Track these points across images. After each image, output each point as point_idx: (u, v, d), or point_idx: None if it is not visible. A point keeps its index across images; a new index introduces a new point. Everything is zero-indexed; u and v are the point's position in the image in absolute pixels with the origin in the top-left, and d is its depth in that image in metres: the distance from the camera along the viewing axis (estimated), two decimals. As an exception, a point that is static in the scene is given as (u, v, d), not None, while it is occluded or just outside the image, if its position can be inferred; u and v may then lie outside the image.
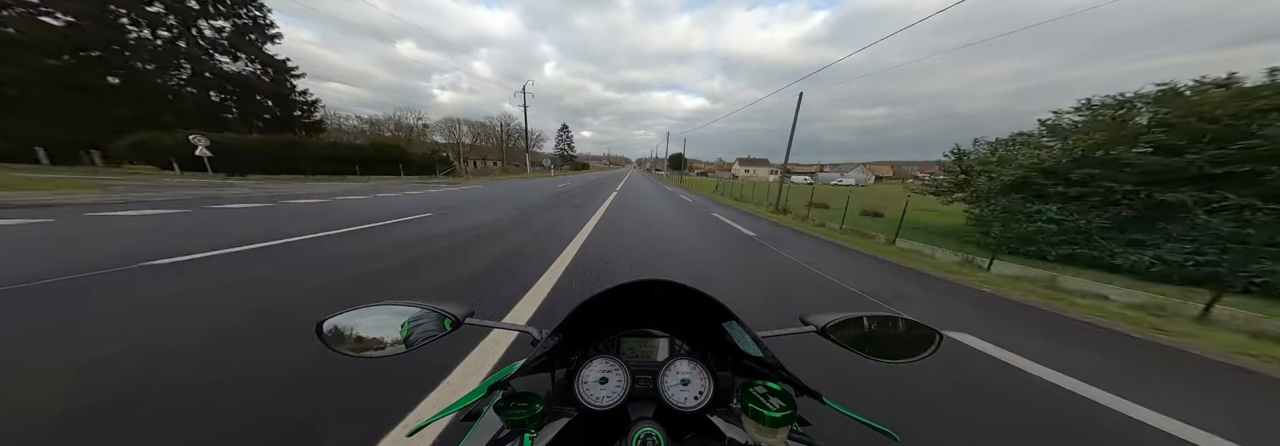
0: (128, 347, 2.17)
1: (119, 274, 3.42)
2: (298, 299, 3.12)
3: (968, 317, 3.76)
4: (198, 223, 6.17)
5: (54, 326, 2.40)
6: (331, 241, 5.23)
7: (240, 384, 1.89)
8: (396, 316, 0.66)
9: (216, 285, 3.27)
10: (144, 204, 7.87)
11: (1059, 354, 2.91)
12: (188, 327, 2.47)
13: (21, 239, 4.63)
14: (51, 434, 1.52)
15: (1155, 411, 2.12)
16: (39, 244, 4.45)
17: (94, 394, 1.76)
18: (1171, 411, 2.13)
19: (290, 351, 2.19)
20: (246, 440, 1.54)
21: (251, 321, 2.60)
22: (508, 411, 0.52)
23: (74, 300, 2.82)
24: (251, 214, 7.35)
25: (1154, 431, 1.98)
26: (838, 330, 0.73)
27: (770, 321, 3.17)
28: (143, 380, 1.88)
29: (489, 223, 7.45)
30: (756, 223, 10.94)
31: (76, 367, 1.95)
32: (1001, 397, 2.23)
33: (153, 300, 2.89)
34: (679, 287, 0.63)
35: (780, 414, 0.48)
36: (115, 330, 2.38)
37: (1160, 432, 1.97)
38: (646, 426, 0.51)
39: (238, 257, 4.16)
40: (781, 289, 4.39)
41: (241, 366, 2.05)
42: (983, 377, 2.45)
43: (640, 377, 0.70)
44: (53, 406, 1.66)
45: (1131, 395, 2.28)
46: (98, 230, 5.29)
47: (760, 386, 0.53)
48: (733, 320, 0.63)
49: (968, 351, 2.86)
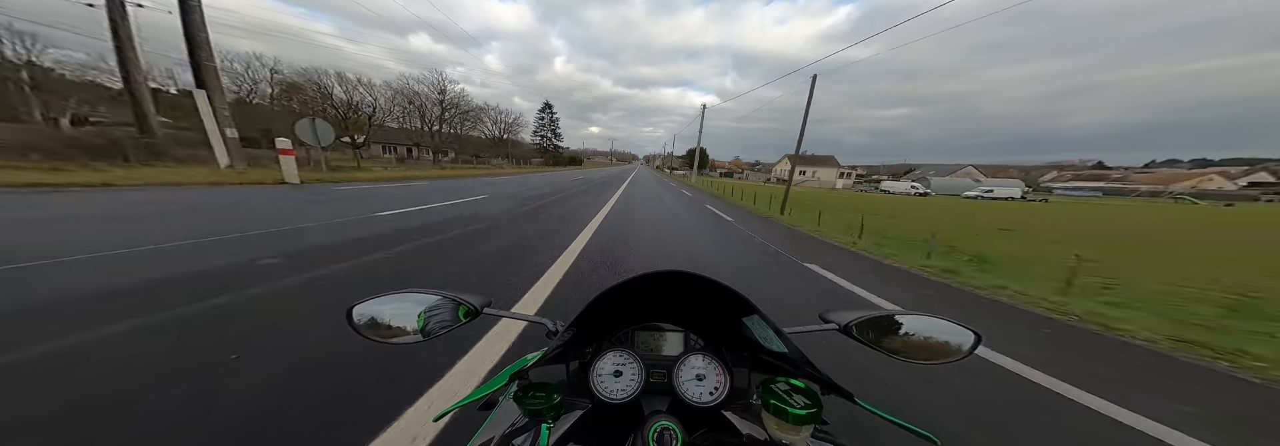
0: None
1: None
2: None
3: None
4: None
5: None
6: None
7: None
8: (417, 305, 0.68)
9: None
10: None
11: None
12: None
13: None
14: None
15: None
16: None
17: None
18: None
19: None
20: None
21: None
22: (527, 401, 0.52)
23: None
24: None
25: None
26: (862, 328, 0.70)
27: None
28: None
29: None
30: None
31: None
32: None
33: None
34: (698, 279, 0.62)
35: (805, 411, 0.47)
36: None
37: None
38: (663, 420, 0.51)
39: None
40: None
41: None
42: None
43: (655, 371, 0.71)
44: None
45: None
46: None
47: (783, 383, 0.52)
48: (754, 314, 0.62)
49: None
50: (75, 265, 3.22)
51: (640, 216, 8.96)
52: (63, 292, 2.66)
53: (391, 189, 11.68)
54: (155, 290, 2.79)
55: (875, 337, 0.69)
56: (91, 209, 5.79)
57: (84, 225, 4.73)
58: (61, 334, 2.10)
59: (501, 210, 8.30)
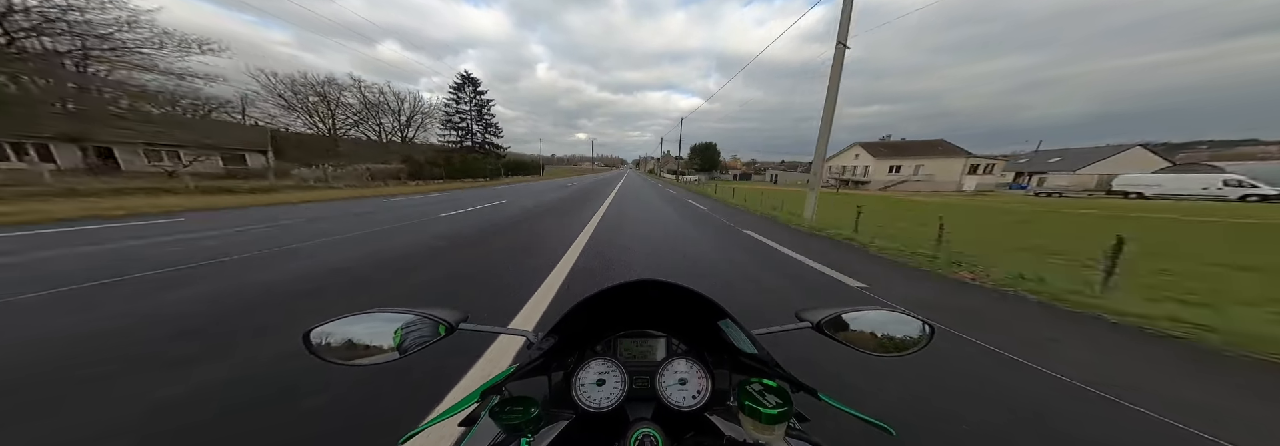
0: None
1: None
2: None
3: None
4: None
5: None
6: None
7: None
8: (388, 323, 0.65)
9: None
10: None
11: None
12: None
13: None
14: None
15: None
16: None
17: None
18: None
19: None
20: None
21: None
22: (503, 416, 0.52)
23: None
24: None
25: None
26: (832, 325, 0.72)
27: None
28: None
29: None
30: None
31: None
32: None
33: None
34: (672, 287, 0.63)
35: (777, 411, 0.48)
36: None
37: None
38: (644, 427, 0.52)
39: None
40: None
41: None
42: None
43: (638, 378, 0.71)
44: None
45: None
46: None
47: (757, 384, 0.53)
48: (727, 318, 0.63)
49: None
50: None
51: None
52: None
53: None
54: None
55: (844, 333, 0.72)
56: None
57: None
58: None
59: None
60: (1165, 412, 1.92)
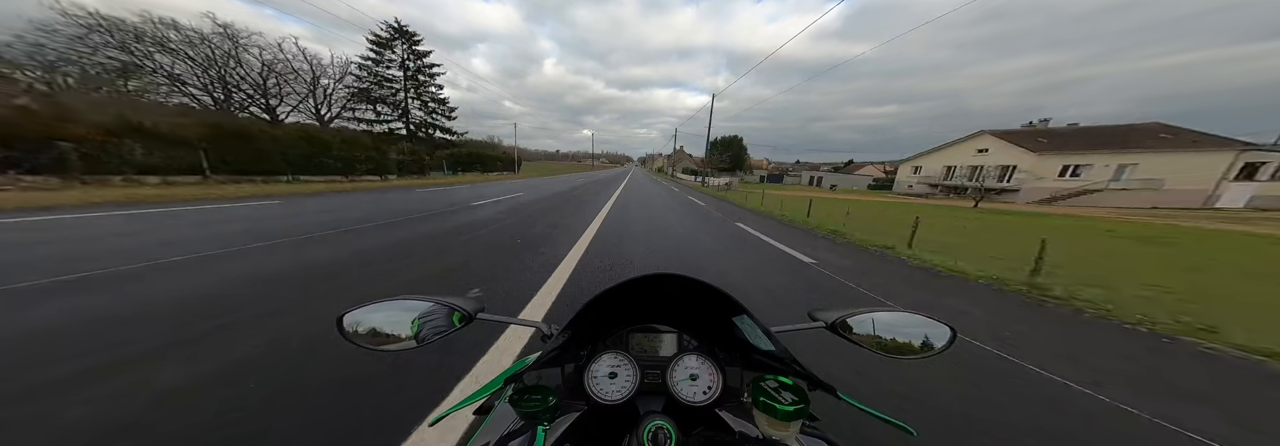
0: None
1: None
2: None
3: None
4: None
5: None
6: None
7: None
8: (409, 312, 0.66)
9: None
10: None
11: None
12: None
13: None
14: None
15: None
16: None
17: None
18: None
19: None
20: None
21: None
22: (522, 404, 0.53)
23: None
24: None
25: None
26: (848, 326, 0.72)
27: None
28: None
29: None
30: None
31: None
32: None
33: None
34: (689, 281, 0.64)
35: (793, 407, 0.48)
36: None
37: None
38: (658, 420, 0.52)
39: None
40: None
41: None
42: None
43: (649, 372, 0.71)
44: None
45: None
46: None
47: (772, 380, 0.53)
48: (744, 314, 0.63)
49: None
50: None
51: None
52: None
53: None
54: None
55: (861, 334, 0.70)
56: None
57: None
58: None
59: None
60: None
